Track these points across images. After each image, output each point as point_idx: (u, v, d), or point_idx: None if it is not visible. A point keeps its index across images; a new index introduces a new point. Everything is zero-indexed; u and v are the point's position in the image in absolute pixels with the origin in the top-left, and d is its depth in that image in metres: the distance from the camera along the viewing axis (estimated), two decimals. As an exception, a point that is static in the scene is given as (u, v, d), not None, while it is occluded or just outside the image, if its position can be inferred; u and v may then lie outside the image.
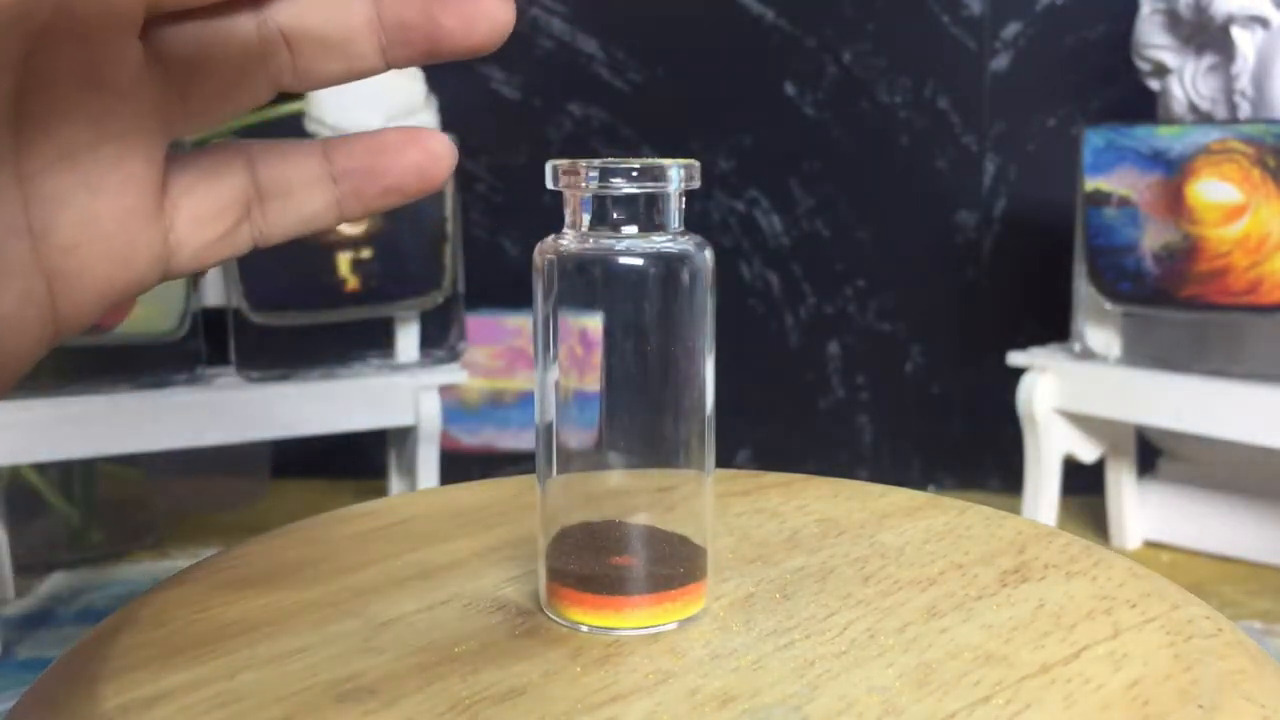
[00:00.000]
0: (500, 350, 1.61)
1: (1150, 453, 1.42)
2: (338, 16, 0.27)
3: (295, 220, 0.29)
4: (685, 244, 0.26)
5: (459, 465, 1.53)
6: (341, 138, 0.29)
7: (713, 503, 0.26)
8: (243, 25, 0.28)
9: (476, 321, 1.55)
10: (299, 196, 0.29)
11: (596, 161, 0.25)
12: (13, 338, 0.25)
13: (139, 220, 0.27)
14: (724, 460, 1.47)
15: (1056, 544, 0.27)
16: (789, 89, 1.56)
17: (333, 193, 0.29)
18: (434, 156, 0.27)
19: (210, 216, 0.28)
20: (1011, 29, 1.52)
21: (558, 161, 0.26)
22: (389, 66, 0.28)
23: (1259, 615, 1.19)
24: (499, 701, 0.21)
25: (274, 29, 0.28)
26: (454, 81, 1.40)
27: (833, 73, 1.55)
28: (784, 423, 1.62)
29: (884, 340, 1.58)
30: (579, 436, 0.26)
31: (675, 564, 0.25)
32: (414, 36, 0.27)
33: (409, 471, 1.34)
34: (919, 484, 1.59)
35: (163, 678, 0.23)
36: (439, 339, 1.35)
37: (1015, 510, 0.33)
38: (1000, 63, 1.52)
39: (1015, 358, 1.35)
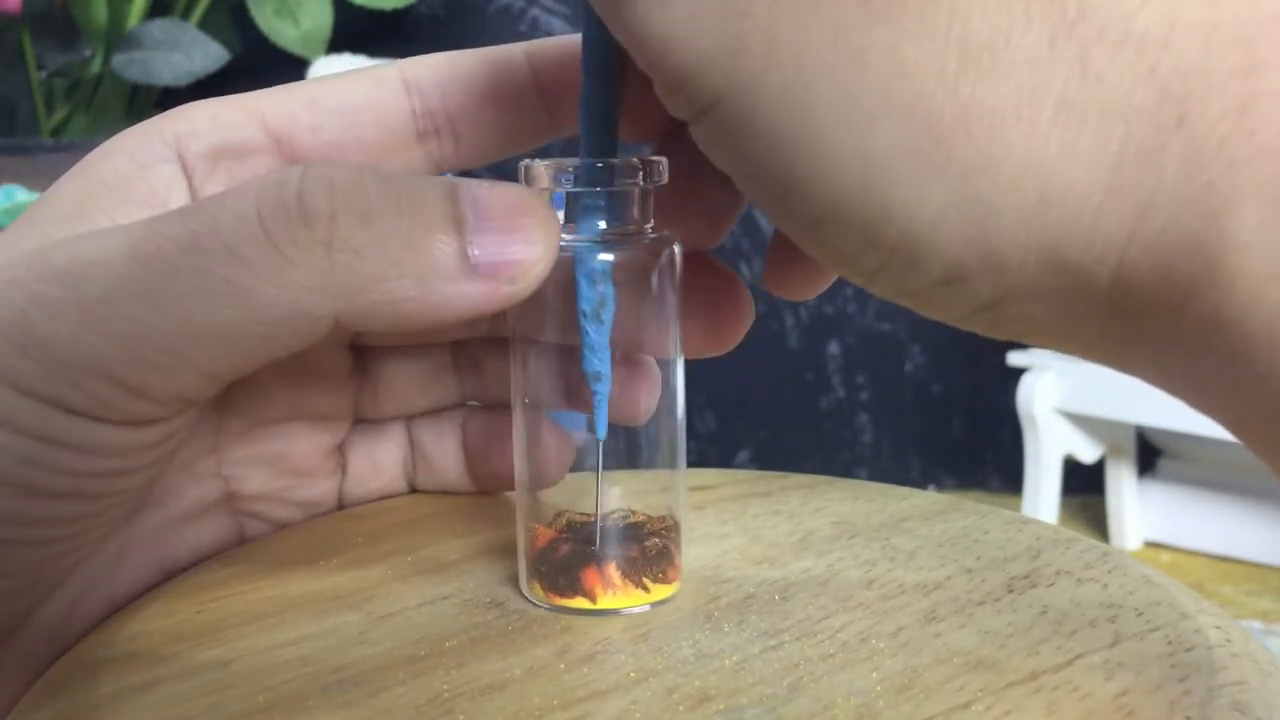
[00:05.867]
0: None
1: (1150, 453, 1.42)
2: None
3: (435, 482, 0.32)
4: (652, 242, 0.25)
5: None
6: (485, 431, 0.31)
7: (685, 499, 0.26)
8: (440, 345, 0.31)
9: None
10: (439, 466, 0.32)
11: (550, 162, 0.25)
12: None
13: (315, 478, 0.31)
14: (724, 460, 1.46)
15: (1074, 550, 0.27)
16: (789, 88, 1.55)
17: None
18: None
19: (371, 473, 0.32)
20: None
21: (527, 161, 0.25)
22: None
23: (1259, 615, 1.19)
24: (478, 696, 0.21)
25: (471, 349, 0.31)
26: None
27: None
28: (784, 423, 1.61)
29: (884, 340, 1.58)
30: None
31: (645, 551, 0.25)
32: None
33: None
34: (919, 484, 1.59)
35: (161, 665, 0.23)
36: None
37: (1014, 510, 0.33)
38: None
39: (1015, 358, 1.35)
